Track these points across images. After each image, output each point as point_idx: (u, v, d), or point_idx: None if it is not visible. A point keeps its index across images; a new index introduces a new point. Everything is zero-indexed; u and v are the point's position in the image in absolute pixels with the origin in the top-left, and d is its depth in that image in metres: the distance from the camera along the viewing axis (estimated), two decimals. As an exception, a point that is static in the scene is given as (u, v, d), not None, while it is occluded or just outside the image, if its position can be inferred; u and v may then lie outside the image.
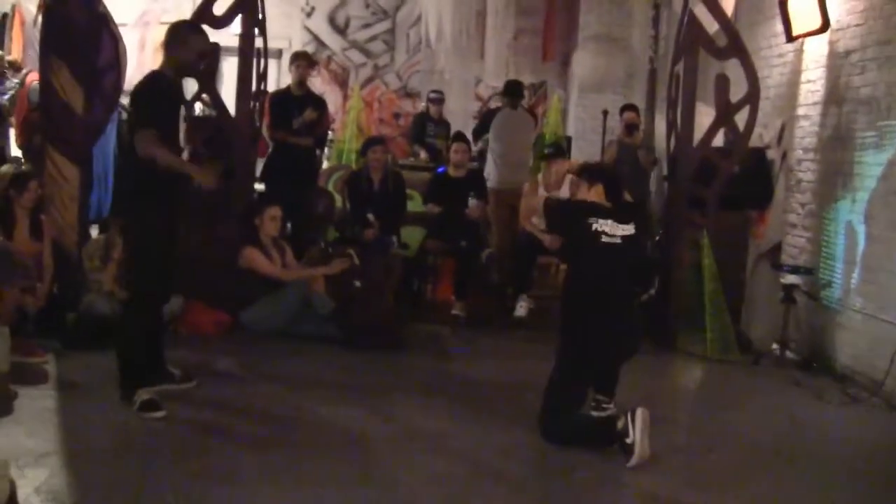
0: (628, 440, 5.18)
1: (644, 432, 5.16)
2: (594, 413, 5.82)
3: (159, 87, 5.71)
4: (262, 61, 8.46)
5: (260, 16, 8.36)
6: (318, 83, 13.12)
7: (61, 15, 7.55)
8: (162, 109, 5.65)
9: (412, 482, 4.86)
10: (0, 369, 5.79)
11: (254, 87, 8.39)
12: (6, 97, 9.23)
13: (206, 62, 6.27)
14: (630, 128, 10.66)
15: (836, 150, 7.96)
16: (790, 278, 8.06)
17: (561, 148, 9.90)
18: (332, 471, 4.94)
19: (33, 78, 9.68)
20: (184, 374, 6.14)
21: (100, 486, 4.63)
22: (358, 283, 8.18)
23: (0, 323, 6.18)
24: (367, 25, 14.21)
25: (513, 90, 10.57)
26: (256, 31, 8.36)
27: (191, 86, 8.65)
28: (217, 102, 8.19)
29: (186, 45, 5.77)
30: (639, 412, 5.20)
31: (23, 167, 8.35)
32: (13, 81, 9.51)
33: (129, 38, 8.51)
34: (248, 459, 5.03)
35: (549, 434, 5.50)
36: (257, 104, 8.52)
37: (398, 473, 4.97)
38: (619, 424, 5.24)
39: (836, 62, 8.05)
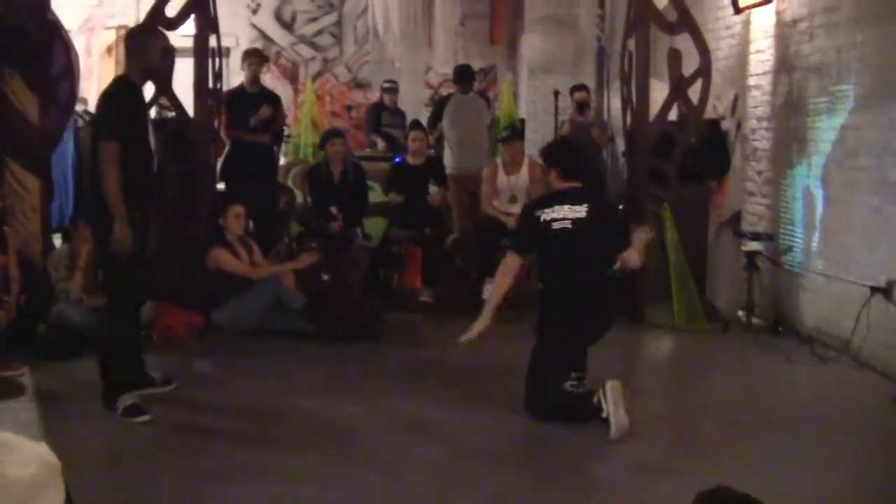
0: (603, 414, 5.26)
1: (617, 404, 5.24)
2: (571, 389, 5.90)
3: (125, 95, 5.69)
4: (217, 60, 8.44)
5: (212, 15, 8.32)
6: (269, 79, 13.07)
7: (11, 24, 7.48)
8: (128, 119, 5.61)
9: (406, 470, 4.90)
10: (-23, 384, 5.78)
11: (210, 87, 8.36)
12: None
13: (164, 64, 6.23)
14: (581, 107, 10.73)
15: (790, 117, 8.09)
16: (752, 245, 8.18)
17: (517, 130, 9.97)
18: (328, 464, 4.96)
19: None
20: (164, 377, 6.13)
21: (90, 494, 4.62)
22: (326, 277, 8.21)
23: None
24: (313, 19, 14.18)
25: (463, 75, 10.62)
26: (209, 30, 8.33)
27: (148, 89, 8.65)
28: (175, 104, 8.16)
29: (149, 49, 5.75)
30: (608, 385, 5.29)
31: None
32: None
33: (75, 44, 8.42)
34: (239, 458, 5.05)
35: (535, 410, 5.58)
36: (214, 104, 8.49)
37: (391, 462, 5.01)
38: (594, 400, 5.33)
39: (784, 31, 8.17)
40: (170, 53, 6.05)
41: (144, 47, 5.74)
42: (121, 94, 5.67)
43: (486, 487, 4.68)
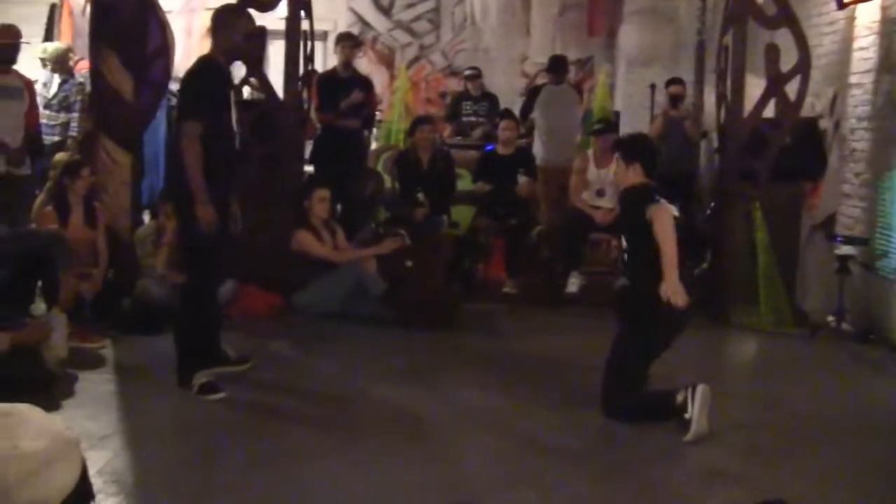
0: (686, 415, 5.15)
1: (703, 409, 5.13)
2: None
3: (208, 74, 5.72)
4: (309, 44, 8.47)
5: (306, -2, 8.36)
6: (364, 64, 13.09)
7: (109, 3, 7.61)
8: (210, 98, 5.64)
9: (473, 460, 4.88)
10: (59, 354, 5.89)
11: (301, 70, 8.40)
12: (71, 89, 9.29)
13: (253, 45, 6.25)
14: (675, 100, 10.55)
15: (891, 118, 7.82)
16: (845, 249, 7.94)
17: (610, 123, 9.85)
18: (394, 450, 4.97)
19: (82, 66, 9.79)
20: (240, 356, 6.18)
21: (161, 467, 4.70)
22: (409, 263, 8.20)
23: (58, 309, 6.30)
24: (411, 5, 14.15)
25: (557, 65, 10.53)
26: (303, 13, 8.37)
27: (238, 70, 8.73)
28: (265, 86, 8.23)
29: (233, 29, 5.75)
30: (700, 389, 5.16)
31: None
32: (79, 77, 9.57)
33: (175, 25, 8.55)
34: (310, 439, 5.08)
35: (614, 411, 5.47)
36: (305, 87, 8.53)
37: (458, 452, 4.99)
38: (679, 398, 5.20)
39: (889, 28, 7.90)
40: (257, 34, 6.06)
41: (228, 27, 5.75)
42: (203, 73, 5.70)
43: (546, 481, 4.62)
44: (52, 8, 12.14)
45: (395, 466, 4.73)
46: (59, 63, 9.22)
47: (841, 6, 8.45)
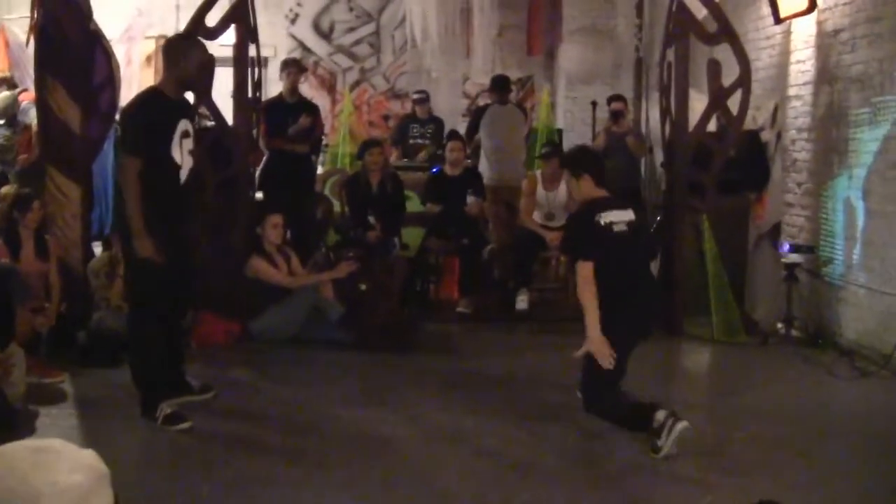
0: (658, 442, 5.14)
1: (674, 444, 5.12)
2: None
3: (147, 107, 5.69)
4: (257, 70, 8.48)
5: (252, 25, 8.36)
6: (306, 89, 13.12)
7: (54, 34, 7.55)
8: (151, 132, 5.59)
9: (445, 480, 4.91)
10: (18, 390, 5.81)
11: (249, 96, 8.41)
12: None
13: (204, 75, 6.24)
14: (617, 116, 10.69)
15: (831, 128, 8.02)
16: (792, 257, 8.12)
17: (556, 146, 9.97)
18: (364, 472, 4.97)
19: (25, 98, 9.70)
20: (202, 385, 6.15)
21: (129, 499, 4.64)
22: (363, 286, 8.22)
23: (15, 344, 6.22)
24: (351, 29, 14.22)
25: (500, 85, 10.62)
26: (249, 40, 8.37)
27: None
28: (215, 113, 8.20)
29: (187, 60, 5.71)
30: (679, 426, 5.12)
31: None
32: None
33: (116, 53, 8.48)
34: (277, 466, 5.07)
35: (593, 404, 5.48)
36: (254, 113, 8.53)
37: (429, 472, 5.02)
38: (658, 418, 5.17)
39: (826, 41, 8.11)
40: (209, 65, 6.05)
41: (182, 57, 5.72)
42: (143, 107, 5.70)
43: (523, 498, 4.66)
44: (-11, 39, 12.02)
45: (365, 490, 4.73)
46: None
47: (778, 21, 8.64)
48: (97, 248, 8.65)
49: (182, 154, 5.68)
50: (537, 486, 4.89)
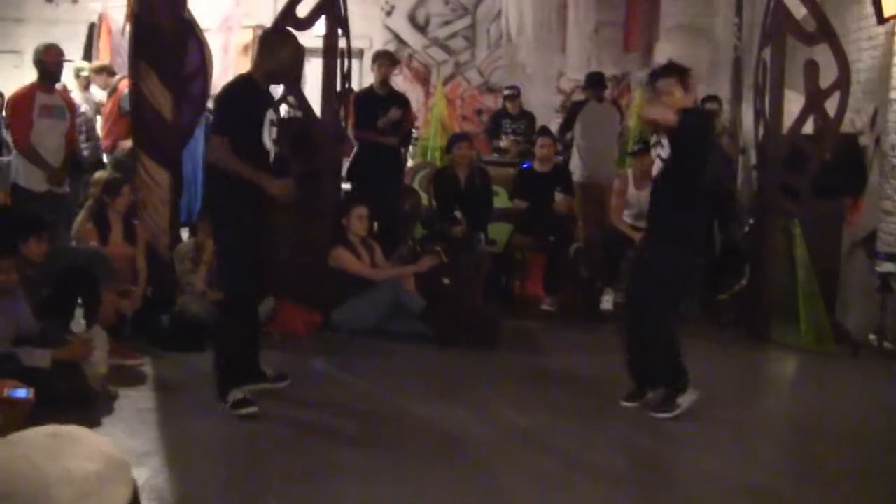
0: (678, 400, 5.65)
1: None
2: None
3: (241, 92, 5.75)
4: (346, 61, 8.51)
5: (342, 16, 8.38)
6: (400, 81, 13.16)
7: (149, 23, 7.66)
8: (241, 116, 5.65)
9: (513, 480, 4.86)
10: (99, 371, 5.91)
11: (338, 88, 8.43)
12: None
13: (294, 68, 6.25)
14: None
15: (932, 133, 7.77)
16: (887, 266, 7.86)
17: (648, 144, 9.80)
18: (434, 468, 4.95)
19: (125, 85, 9.86)
20: (278, 374, 6.18)
21: (201, 485, 4.71)
22: (447, 281, 8.19)
23: (99, 326, 6.33)
24: (447, 22, 14.19)
25: (596, 81, 10.53)
26: (339, 31, 8.40)
27: (277, 88, 8.76)
28: (303, 104, 8.26)
29: (276, 57, 5.77)
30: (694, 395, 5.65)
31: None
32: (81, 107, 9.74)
33: (213, 42, 8.60)
34: (349, 457, 5.06)
35: (656, 336, 5.78)
36: (342, 104, 8.56)
37: (498, 471, 4.97)
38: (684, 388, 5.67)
39: (931, 43, 7.85)
40: (299, 60, 6.07)
41: (270, 53, 5.78)
42: (237, 91, 5.75)
43: (588, 502, 4.59)
44: (91, 27, 12.27)
45: (435, 487, 4.71)
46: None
47: (881, 21, 8.39)
48: (184, 234, 8.77)
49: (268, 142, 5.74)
50: (603, 490, 4.82)
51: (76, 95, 9.58)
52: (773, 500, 4.71)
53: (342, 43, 8.43)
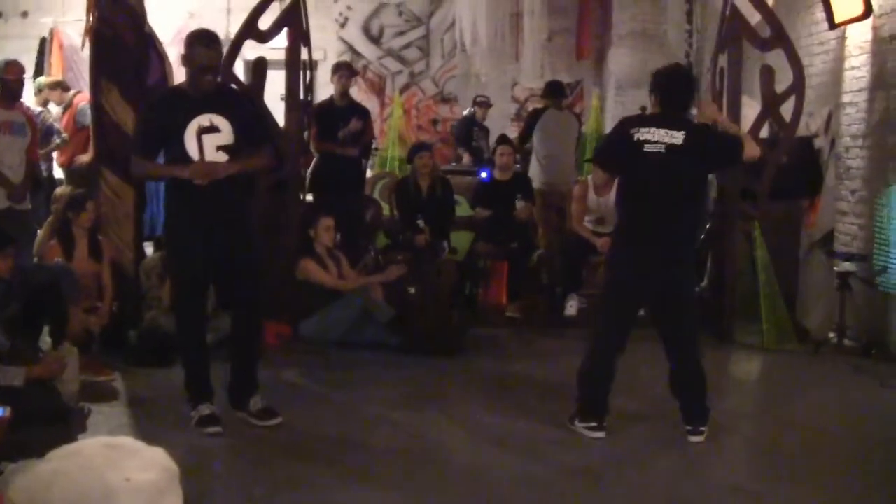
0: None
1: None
2: None
3: (149, 103, 5.76)
4: (308, 73, 8.51)
5: (304, 28, 8.39)
6: (356, 92, 13.15)
7: (110, 37, 7.63)
8: (150, 129, 5.57)
9: (493, 484, 4.91)
10: (71, 388, 5.86)
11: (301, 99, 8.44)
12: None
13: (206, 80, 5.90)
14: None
15: (886, 135, 7.92)
16: (844, 265, 8.02)
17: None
18: (412, 475, 5.00)
19: (80, 99, 9.83)
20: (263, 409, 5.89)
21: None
22: (412, 290, 8.22)
23: (68, 343, 6.29)
24: (401, 33, 14.28)
25: (556, 90, 10.60)
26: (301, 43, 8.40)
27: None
28: (266, 116, 8.24)
29: (191, 58, 5.47)
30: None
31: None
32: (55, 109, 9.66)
33: (170, 55, 8.56)
34: (326, 468, 5.09)
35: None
36: (304, 116, 8.56)
37: (474, 476, 5.02)
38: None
39: (881, 47, 8.01)
40: (209, 68, 5.51)
41: (188, 50, 5.49)
42: (147, 106, 5.80)
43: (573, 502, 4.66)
44: (43, 42, 12.17)
45: (414, 493, 4.76)
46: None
47: (832, 26, 8.55)
48: (149, 249, 8.73)
49: (203, 150, 5.41)
50: (584, 489, 4.90)
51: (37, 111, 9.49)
52: (753, 497, 4.79)
53: (304, 54, 8.43)
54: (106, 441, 1.69)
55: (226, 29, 12.26)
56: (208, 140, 5.43)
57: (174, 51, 12.12)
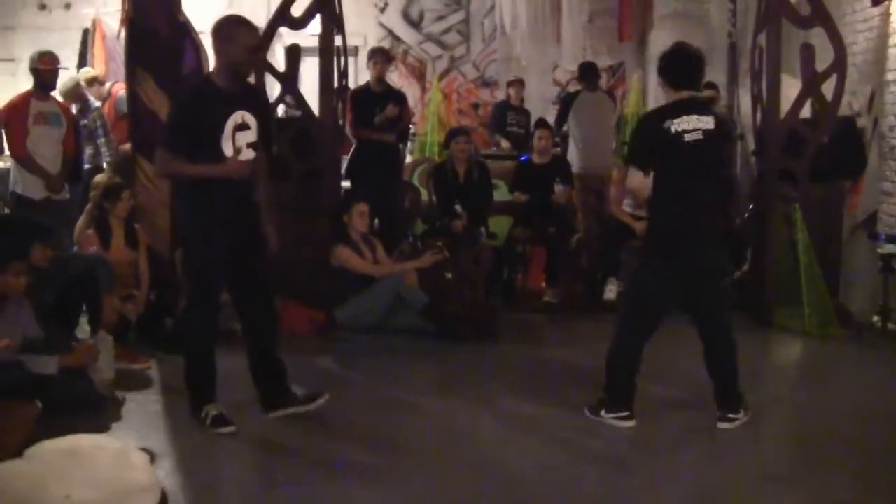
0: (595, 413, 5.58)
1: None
2: None
3: (185, 98, 5.57)
4: (342, 59, 8.50)
5: (337, 14, 8.38)
6: (396, 78, 13.16)
7: (145, 26, 7.67)
8: (183, 123, 5.30)
9: (522, 470, 4.87)
10: (106, 376, 5.93)
11: (335, 86, 8.42)
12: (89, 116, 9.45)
13: (255, 60, 5.81)
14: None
15: (930, 114, 7.77)
16: (888, 248, 7.85)
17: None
18: (442, 461, 4.99)
19: (118, 89, 9.92)
20: (308, 394, 5.79)
21: (213, 487, 4.73)
22: (449, 275, 8.20)
23: (104, 332, 6.35)
24: (440, 17, 14.20)
25: (588, 72, 10.54)
26: (335, 29, 8.39)
27: (273, 88, 8.77)
28: (300, 103, 8.26)
29: (233, 42, 5.23)
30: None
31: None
32: (95, 103, 9.71)
33: (207, 45, 8.57)
34: (361, 454, 5.08)
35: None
36: (339, 102, 8.56)
37: (507, 461, 4.98)
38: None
39: (926, 24, 7.85)
40: (256, 48, 5.46)
41: (226, 41, 5.25)
42: (178, 99, 5.66)
43: (599, 491, 4.66)
44: (85, 33, 12.26)
45: (447, 478, 4.75)
46: (71, 96, 9.32)
47: (875, 3, 8.39)
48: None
49: (234, 148, 5.26)
50: (611, 477, 4.86)
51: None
52: (783, 485, 4.71)
53: (338, 40, 8.41)
54: (71, 446, 1.65)
55: (266, 16, 12.20)
56: (241, 137, 5.32)
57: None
